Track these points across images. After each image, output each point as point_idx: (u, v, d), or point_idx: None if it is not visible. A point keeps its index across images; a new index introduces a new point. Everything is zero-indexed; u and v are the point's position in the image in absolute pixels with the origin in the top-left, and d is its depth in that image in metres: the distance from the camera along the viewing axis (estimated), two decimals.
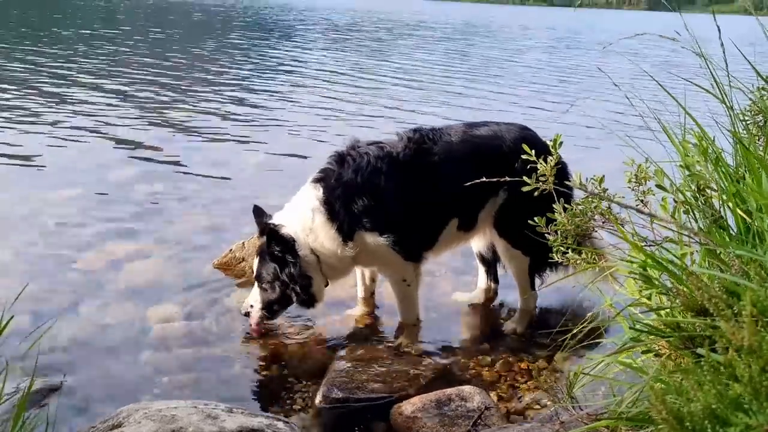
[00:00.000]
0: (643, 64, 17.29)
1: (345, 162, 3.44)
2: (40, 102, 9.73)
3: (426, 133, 3.60)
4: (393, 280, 3.69)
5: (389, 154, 3.45)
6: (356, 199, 3.36)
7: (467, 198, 3.43)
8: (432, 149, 3.54)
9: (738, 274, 1.30)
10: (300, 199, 3.51)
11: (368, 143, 3.55)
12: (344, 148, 3.53)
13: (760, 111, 2.68)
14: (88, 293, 4.03)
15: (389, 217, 3.42)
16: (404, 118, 9.56)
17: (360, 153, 3.45)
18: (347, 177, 3.38)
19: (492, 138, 3.67)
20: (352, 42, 25.06)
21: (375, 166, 3.40)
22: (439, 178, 3.50)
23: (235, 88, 12.23)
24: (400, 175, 3.44)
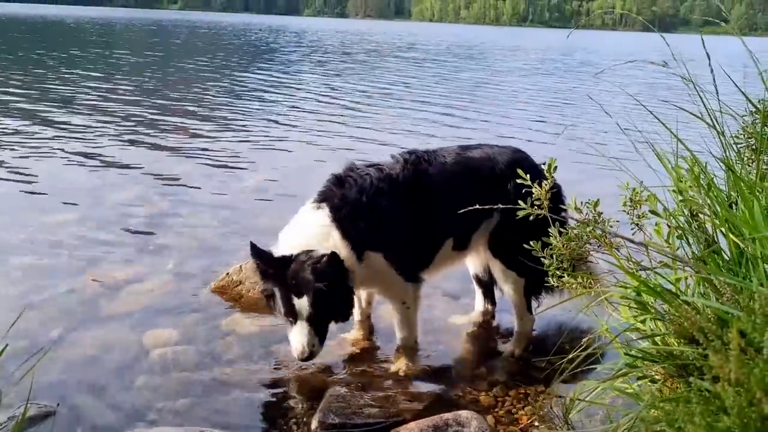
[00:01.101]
0: (636, 87, 17.42)
1: (346, 183, 3.41)
2: (34, 125, 9.78)
3: (421, 155, 3.62)
4: (394, 302, 3.67)
5: (389, 175, 3.47)
6: (363, 220, 3.33)
7: (462, 218, 3.44)
8: (428, 170, 3.56)
9: (729, 302, 1.31)
10: (304, 221, 3.39)
11: (366, 165, 3.56)
12: (342, 171, 3.52)
13: (752, 135, 2.71)
14: (83, 318, 4.01)
15: (393, 237, 3.43)
16: (393, 141, 9.62)
17: (361, 174, 3.44)
18: (352, 197, 3.35)
19: (486, 160, 3.70)
20: (343, 65, 25.26)
21: (378, 187, 3.39)
22: (435, 199, 3.52)
23: (229, 111, 12.30)
24: (400, 196, 3.45)
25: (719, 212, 1.97)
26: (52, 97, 12.79)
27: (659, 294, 1.82)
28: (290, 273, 3.14)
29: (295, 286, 3.13)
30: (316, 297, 3.11)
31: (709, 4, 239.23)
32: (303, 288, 3.11)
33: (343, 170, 3.53)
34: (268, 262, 3.22)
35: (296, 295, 3.13)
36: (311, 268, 3.10)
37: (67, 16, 79.18)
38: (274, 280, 3.22)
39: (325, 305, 3.16)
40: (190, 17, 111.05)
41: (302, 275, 3.11)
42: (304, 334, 3.17)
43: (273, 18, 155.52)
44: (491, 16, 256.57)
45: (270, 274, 3.23)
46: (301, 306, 3.13)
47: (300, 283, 3.12)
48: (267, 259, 3.22)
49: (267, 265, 3.22)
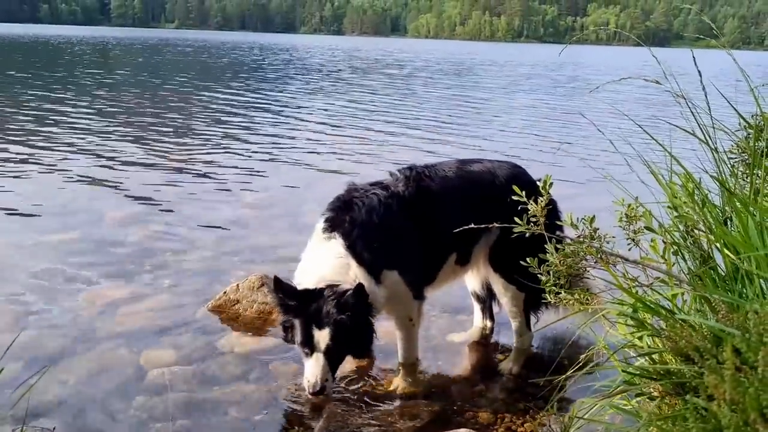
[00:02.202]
0: (630, 103, 17.44)
1: (353, 205, 3.35)
2: (28, 146, 9.81)
3: (422, 171, 3.61)
4: (400, 319, 3.62)
5: (396, 192, 3.45)
6: (376, 240, 3.29)
7: (465, 232, 3.40)
8: (431, 186, 3.55)
9: (724, 320, 1.32)
10: (320, 254, 3.29)
11: (369, 184, 3.52)
12: (345, 193, 3.47)
13: (744, 150, 2.73)
14: (81, 338, 4.00)
15: (405, 254, 3.41)
16: (390, 158, 9.64)
17: (366, 194, 3.40)
18: (362, 218, 3.29)
19: (486, 174, 3.70)
20: (323, 82, 25.39)
21: (387, 204, 3.37)
22: (440, 214, 3.50)
23: (224, 131, 12.31)
24: (407, 212, 3.43)
25: (714, 228, 1.98)
26: (45, 117, 12.82)
27: (655, 311, 1.82)
28: (314, 306, 3.08)
29: (317, 318, 3.07)
30: (337, 330, 3.05)
31: (702, 19, 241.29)
32: (325, 320, 3.05)
33: (346, 192, 3.48)
34: (291, 295, 3.13)
35: (317, 327, 3.07)
36: (335, 301, 3.05)
37: (61, 36, 79.60)
38: (296, 313, 3.14)
39: (344, 339, 3.09)
40: (186, 36, 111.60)
41: (326, 308, 3.06)
42: (320, 367, 3.08)
43: (267, 36, 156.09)
44: (486, 32, 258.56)
45: (292, 306, 3.14)
46: (320, 338, 3.06)
47: (323, 315, 3.06)
48: (290, 292, 3.13)
49: (290, 298, 3.13)
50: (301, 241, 5.85)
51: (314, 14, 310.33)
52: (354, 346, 3.21)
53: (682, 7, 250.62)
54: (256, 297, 4.44)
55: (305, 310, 3.09)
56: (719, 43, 2.86)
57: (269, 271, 4.96)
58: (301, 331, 3.11)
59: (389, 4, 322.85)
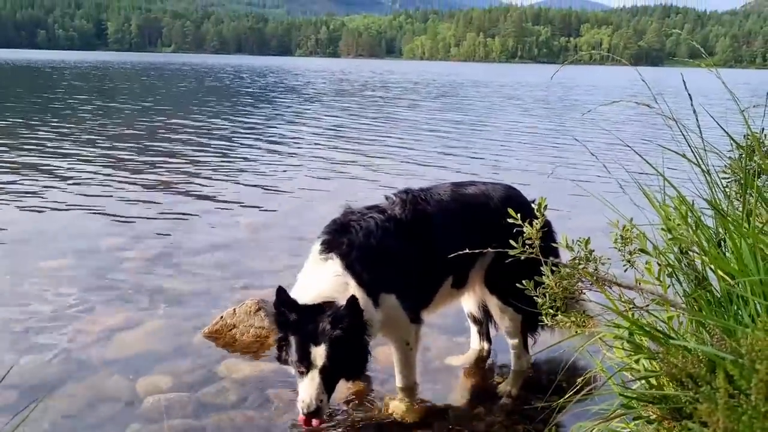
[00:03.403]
0: (622, 124, 17.53)
1: (350, 228, 3.34)
2: (22, 172, 9.82)
3: (417, 194, 3.62)
4: (397, 343, 3.61)
5: (393, 216, 3.44)
6: (374, 262, 3.27)
7: (461, 255, 3.38)
8: (427, 209, 3.55)
9: (718, 344, 1.32)
10: (317, 273, 3.25)
11: (365, 208, 3.53)
12: (342, 216, 3.47)
13: (735, 171, 2.75)
14: (76, 366, 3.97)
15: (402, 278, 3.40)
16: (384, 181, 9.69)
17: (364, 218, 3.40)
18: (360, 240, 3.28)
19: (481, 196, 3.72)
20: (332, 104, 25.53)
21: (384, 228, 3.36)
22: (436, 237, 3.50)
23: (221, 153, 12.37)
24: (405, 236, 3.42)
25: (708, 250, 1.99)
26: (36, 144, 12.85)
27: (651, 334, 1.83)
28: (311, 321, 3.02)
29: (314, 333, 3.00)
30: (333, 346, 2.98)
31: (694, 39, 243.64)
32: (321, 335, 2.99)
33: (342, 215, 3.48)
34: (292, 309, 3.05)
35: (314, 343, 3.00)
36: (332, 316, 3.01)
37: (60, 61, 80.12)
38: (293, 328, 3.06)
39: (340, 356, 3.02)
40: (182, 59, 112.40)
41: (322, 323, 3.00)
42: (315, 386, 3.00)
43: (261, 59, 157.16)
44: (481, 53, 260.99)
45: (290, 321, 3.05)
46: (316, 355, 2.99)
47: (320, 330, 3.00)
48: (291, 305, 3.06)
49: (290, 312, 3.05)
50: (298, 265, 5.87)
51: (310, 37, 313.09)
52: (349, 366, 3.14)
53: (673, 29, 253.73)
54: (253, 321, 4.42)
55: (303, 326, 3.03)
56: (708, 63, 2.89)
57: (266, 295, 4.96)
58: (297, 348, 3.03)
59: (384, 26, 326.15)
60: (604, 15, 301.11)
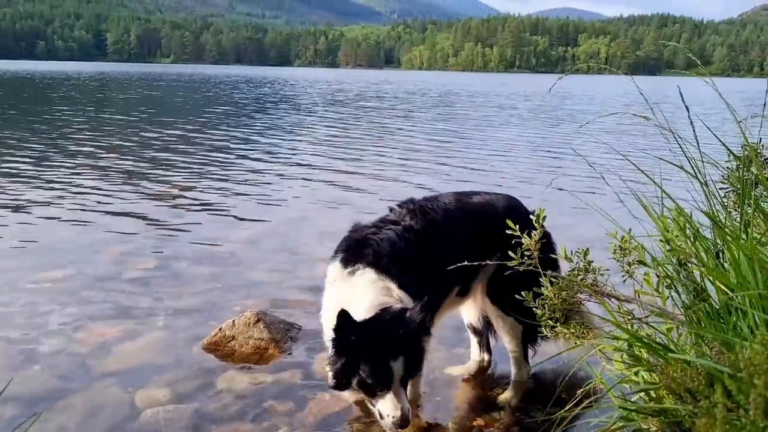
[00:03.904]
0: (620, 134, 17.51)
1: (369, 241, 3.21)
2: (22, 182, 9.83)
3: (424, 204, 3.56)
4: None
5: (409, 227, 3.37)
6: (401, 269, 3.19)
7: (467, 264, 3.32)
8: (437, 219, 3.50)
9: (717, 358, 1.33)
10: (346, 287, 3.07)
11: (376, 222, 3.44)
12: (354, 232, 3.38)
13: (735, 181, 2.76)
14: (75, 378, 3.96)
15: (423, 288, 3.30)
16: (381, 190, 9.69)
17: (381, 230, 3.30)
18: (385, 250, 3.17)
19: (486, 205, 3.69)
20: (327, 114, 25.59)
21: (405, 238, 3.30)
22: (447, 246, 3.44)
23: (216, 165, 12.39)
24: (421, 245, 3.36)
25: (707, 262, 1.99)
26: (41, 153, 12.90)
27: (650, 346, 1.83)
28: (379, 336, 2.79)
29: (388, 348, 2.79)
30: (409, 353, 2.83)
31: (691, 48, 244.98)
32: (397, 348, 2.80)
33: (354, 231, 3.38)
34: (355, 331, 2.78)
35: (392, 358, 2.79)
36: (401, 322, 2.80)
37: (59, 72, 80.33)
38: (361, 350, 2.81)
39: (414, 362, 2.90)
40: (180, 70, 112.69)
41: (393, 334, 2.79)
42: (402, 398, 2.83)
43: (260, 69, 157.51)
44: (479, 63, 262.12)
45: (355, 344, 2.80)
46: (396, 368, 2.79)
47: (394, 343, 2.79)
48: (355, 327, 2.78)
49: (353, 334, 2.78)
50: (297, 276, 5.87)
51: (308, 47, 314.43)
52: (417, 368, 3.02)
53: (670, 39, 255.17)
54: (252, 333, 4.42)
55: (373, 343, 2.79)
56: (705, 72, 2.90)
57: (265, 306, 4.97)
58: (373, 368, 2.79)
59: (383, 36, 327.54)
60: (601, 25, 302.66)
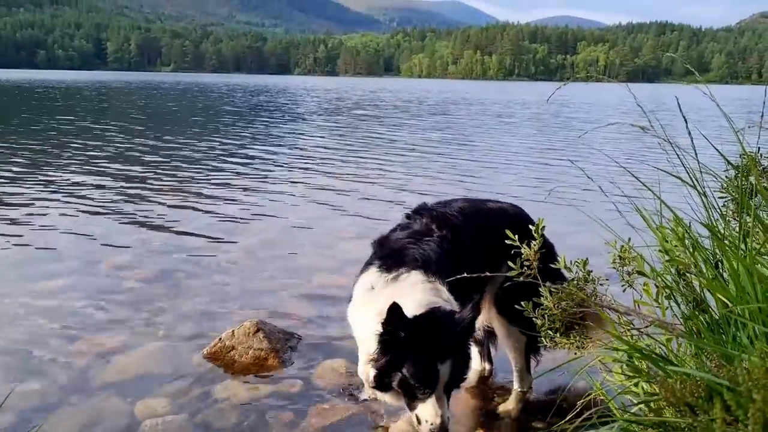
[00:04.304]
0: (618, 142, 17.50)
1: (408, 248, 3.09)
2: (21, 193, 9.84)
3: (443, 210, 3.45)
4: None
5: (443, 236, 3.27)
6: (445, 276, 3.08)
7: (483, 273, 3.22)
8: (460, 227, 3.39)
9: (716, 370, 1.33)
10: (389, 289, 2.92)
11: (402, 230, 3.31)
12: (387, 242, 3.23)
13: (733, 190, 2.76)
14: (74, 389, 3.95)
15: (458, 296, 3.19)
16: (372, 201, 9.68)
17: (419, 240, 3.17)
18: (429, 255, 3.06)
19: (500, 212, 3.64)
20: (321, 123, 25.63)
21: (443, 247, 3.19)
22: (471, 253, 3.35)
23: (213, 175, 12.39)
24: (453, 254, 3.25)
25: (706, 272, 1.99)
26: (33, 164, 12.91)
27: (649, 358, 1.83)
28: (428, 334, 2.65)
29: (437, 347, 2.66)
30: (457, 357, 2.71)
31: (689, 56, 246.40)
32: (447, 348, 2.67)
33: (387, 241, 3.23)
34: (404, 327, 2.64)
35: (439, 359, 2.66)
36: (455, 323, 2.68)
37: (60, 81, 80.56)
38: (408, 348, 2.67)
39: (461, 368, 2.77)
40: (179, 78, 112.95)
41: (444, 334, 2.66)
42: (444, 404, 2.70)
43: (259, 77, 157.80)
44: (478, 70, 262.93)
45: (402, 340, 2.66)
46: (443, 371, 2.67)
47: (443, 343, 2.66)
48: (404, 323, 2.63)
49: (401, 330, 2.64)
50: (296, 285, 5.86)
51: (308, 56, 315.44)
52: (463, 375, 2.85)
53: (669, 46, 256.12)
54: (251, 343, 4.41)
55: (423, 341, 2.64)
56: (702, 80, 2.92)
57: (264, 316, 4.96)
58: (420, 368, 2.66)
59: (382, 45, 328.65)
60: (600, 33, 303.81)
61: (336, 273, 6.15)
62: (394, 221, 3.60)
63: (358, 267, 3.29)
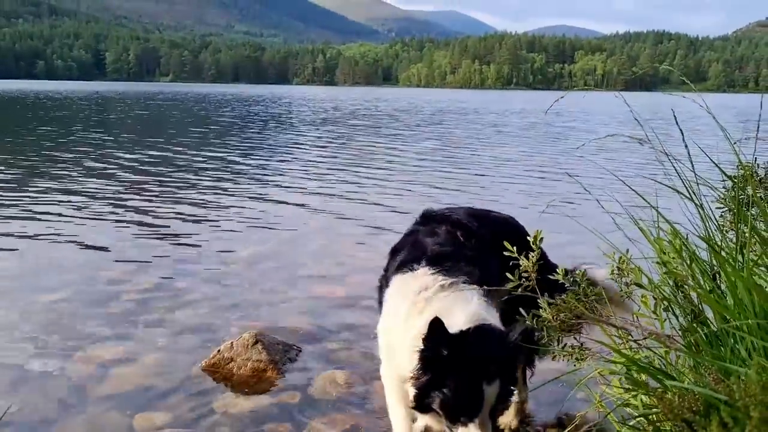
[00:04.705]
0: (616, 152, 17.45)
1: (450, 257, 2.91)
2: (17, 205, 9.83)
3: (458, 217, 3.31)
4: None
5: (473, 246, 3.13)
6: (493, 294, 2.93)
7: (498, 282, 2.98)
8: (482, 235, 3.25)
9: (714, 383, 1.33)
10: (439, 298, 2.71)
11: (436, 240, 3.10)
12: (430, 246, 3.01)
13: (730, 201, 2.78)
14: (72, 401, 3.94)
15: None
16: (368, 213, 9.69)
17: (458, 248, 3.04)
18: (480, 269, 2.92)
19: (507, 222, 3.59)
20: (318, 133, 25.66)
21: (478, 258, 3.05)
22: (494, 266, 3.15)
23: (208, 186, 12.40)
24: (484, 266, 3.08)
25: (703, 285, 2.00)
26: (39, 174, 12.92)
27: (647, 371, 1.83)
28: (478, 352, 2.41)
29: (485, 369, 2.40)
30: (505, 380, 2.47)
31: (687, 64, 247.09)
32: (494, 371, 2.42)
33: (423, 245, 3.02)
34: (447, 343, 2.41)
35: (486, 381, 2.39)
36: (505, 342, 2.46)
37: (54, 91, 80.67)
38: (450, 364, 2.42)
39: (509, 390, 2.52)
40: (177, 89, 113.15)
41: (497, 353, 2.43)
42: (488, 429, 2.45)
43: (257, 87, 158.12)
44: (476, 80, 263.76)
45: (445, 358, 2.41)
46: (489, 395, 2.41)
47: (491, 364, 2.41)
48: (448, 339, 2.42)
49: (444, 346, 2.41)
50: (295, 296, 5.86)
51: (307, 66, 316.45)
52: (508, 401, 2.58)
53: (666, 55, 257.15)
54: (250, 355, 4.40)
55: (468, 361, 2.40)
56: (694, 89, 2.93)
57: (263, 327, 4.95)
58: (464, 391, 2.41)
59: (381, 54, 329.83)
60: (597, 42, 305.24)
61: (335, 284, 6.15)
62: (391, 231, 3.61)
63: (358, 277, 3.30)
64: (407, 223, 3.48)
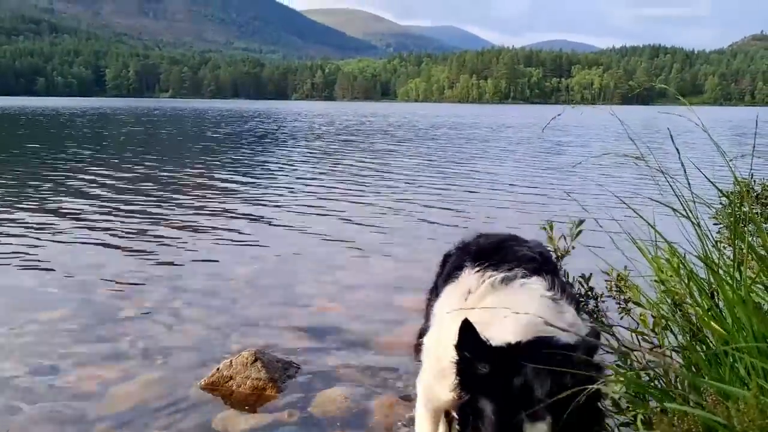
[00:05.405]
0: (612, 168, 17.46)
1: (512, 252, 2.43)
2: (13, 222, 9.83)
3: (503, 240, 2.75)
4: None
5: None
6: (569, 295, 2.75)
7: None
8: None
9: (713, 405, 1.33)
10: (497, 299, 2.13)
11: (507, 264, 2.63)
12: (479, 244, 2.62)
13: (728, 217, 2.79)
14: (71, 422, 3.91)
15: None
16: (363, 228, 9.69)
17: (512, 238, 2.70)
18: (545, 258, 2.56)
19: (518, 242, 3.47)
20: (313, 148, 25.73)
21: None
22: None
23: (218, 200, 12.43)
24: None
25: (701, 303, 2.01)
26: (35, 188, 12.93)
27: (647, 390, 1.83)
28: (519, 374, 1.83)
29: (528, 398, 1.79)
30: (574, 417, 1.75)
31: (683, 78, 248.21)
32: (542, 402, 1.78)
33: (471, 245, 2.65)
34: (485, 356, 1.88)
35: (530, 418, 1.78)
36: (570, 362, 1.80)
37: (52, 107, 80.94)
38: (486, 387, 1.88)
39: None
40: (176, 104, 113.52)
41: (544, 380, 1.79)
42: None
43: (256, 103, 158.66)
44: (474, 94, 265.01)
45: (482, 377, 1.88)
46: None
47: (537, 392, 1.79)
48: (483, 349, 1.88)
49: (481, 361, 1.88)
50: (294, 313, 5.85)
51: (305, 81, 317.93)
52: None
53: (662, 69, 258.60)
54: (249, 373, 4.39)
55: (505, 383, 1.84)
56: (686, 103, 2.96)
57: (262, 345, 4.94)
58: (498, 425, 1.82)
59: (379, 70, 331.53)
60: (594, 56, 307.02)
61: (334, 301, 6.14)
62: (387, 246, 3.62)
63: (356, 294, 3.30)
64: (404, 239, 3.51)
